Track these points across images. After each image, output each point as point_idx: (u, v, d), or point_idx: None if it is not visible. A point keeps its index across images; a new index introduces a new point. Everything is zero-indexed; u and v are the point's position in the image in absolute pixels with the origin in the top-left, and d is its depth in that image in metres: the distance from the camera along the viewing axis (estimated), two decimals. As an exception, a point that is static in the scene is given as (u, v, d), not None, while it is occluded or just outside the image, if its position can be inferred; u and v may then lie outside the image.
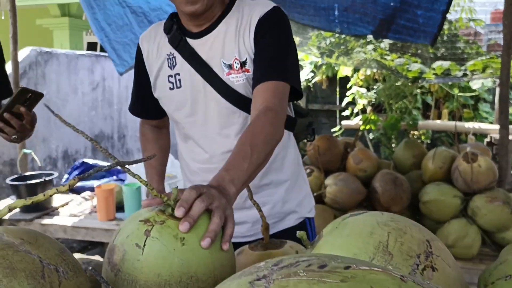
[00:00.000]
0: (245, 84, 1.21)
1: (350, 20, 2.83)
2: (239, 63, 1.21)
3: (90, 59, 4.72)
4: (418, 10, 2.42)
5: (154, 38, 1.33)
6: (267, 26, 1.19)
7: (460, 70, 3.30)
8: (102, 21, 2.79)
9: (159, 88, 1.31)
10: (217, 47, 1.23)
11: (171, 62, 1.28)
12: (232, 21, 1.23)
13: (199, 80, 1.24)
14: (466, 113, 5.06)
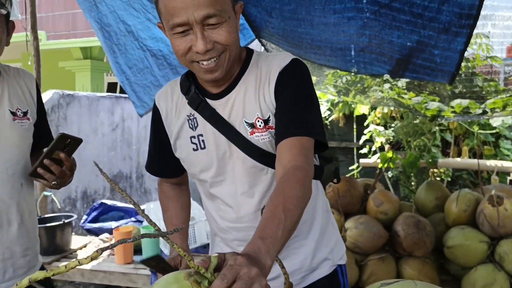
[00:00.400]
0: (270, 141, 1.20)
1: (366, 60, 2.84)
2: (262, 122, 1.19)
3: (110, 100, 4.82)
4: (435, 49, 2.42)
5: (171, 97, 1.32)
6: (287, 80, 1.18)
7: (480, 107, 3.27)
8: (123, 64, 2.86)
9: (181, 149, 1.30)
10: (238, 106, 1.22)
11: (192, 123, 1.27)
12: (251, 78, 1.22)
13: (223, 140, 1.23)
14: (487, 150, 4.97)
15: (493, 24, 2.45)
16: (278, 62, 1.21)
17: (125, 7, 2.63)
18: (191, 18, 1.07)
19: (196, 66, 1.16)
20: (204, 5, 1.07)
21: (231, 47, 1.14)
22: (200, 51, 1.10)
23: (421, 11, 2.16)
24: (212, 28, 1.10)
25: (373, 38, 2.49)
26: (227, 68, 1.17)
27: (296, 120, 1.14)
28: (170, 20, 1.10)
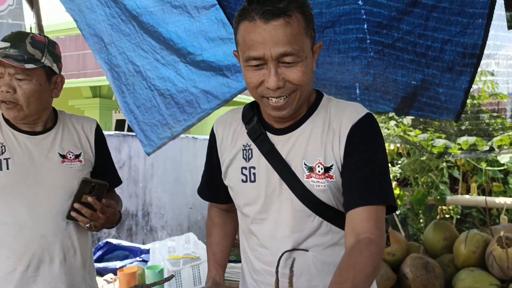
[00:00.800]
0: (325, 190, 1.15)
1: (371, 98, 2.86)
2: (322, 168, 1.15)
3: (118, 138, 4.86)
4: (440, 88, 2.43)
5: (230, 124, 1.31)
6: (361, 138, 1.14)
7: (487, 145, 3.26)
8: (132, 104, 2.89)
9: (230, 177, 1.28)
10: (300, 147, 1.18)
11: (246, 154, 1.24)
12: (318, 121, 1.19)
13: (276, 177, 1.19)
14: (496, 186, 4.92)
15: (497, 62, 2.47)
16: (350, 114, 1.16)
17: (134, 48, 2.69)
18: (267, 54, 1.07)
19: (265, 102, 1.14)
20: (283, 43, 1.06)
21: (303, 87, 1.12)
22: (271, 87, 1.09)
23: (424, 51, 2.19)
24: (287, 66, 1.09)
25: (377, 76, 2.51)
26: (296, 108, 1.15)
27: (371, 187, 1.10)
28: (246, 52, 1.10)
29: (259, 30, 1.07)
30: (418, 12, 2.00)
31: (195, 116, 2.90)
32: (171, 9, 2.49)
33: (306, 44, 1.11)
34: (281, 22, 1.06)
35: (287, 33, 1.07)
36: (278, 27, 1.06)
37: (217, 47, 2.68)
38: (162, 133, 2.96)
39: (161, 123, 2.96)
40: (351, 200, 1.11)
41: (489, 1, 1.88)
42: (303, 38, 1.10)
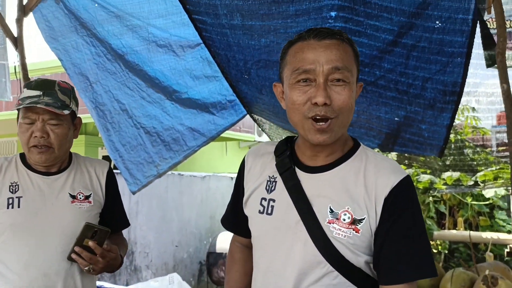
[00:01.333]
0: (346, 241, 1.09)
1: (356, 134, 2.88)
2: (350, 218, 1.10)
3: (102, 176, 4.79)
4: (422, 124, 2.47)
5: (261, 155, 1.29)
6: (401, 204, 1.10)
7: (471, 179, 3.29)
8: (117, 142, 2.87)
9: (249, 207, 1.26)
10: (328, 189, 1.13)
11: (270, 186, 1.21)
12: (351, 169, 1.15)
13: (294, 214, 1.14)
14: (482, 221, 4.94)
15: (477, 99, 2.53)
16: (389, 175, 1.12)
17: (120, 87, 2.70)
18: (319, 69, 1.08)
19: (309, 125, 1.11)
20: (335, 58, 1.09)
21: (346, 112, 1.11)
22: (319, 102, 1.07)
23: (406, 88, 2.23)
24: (335, 85, 1.09)
25: (361, 113, 2.54)
26: (337, 135, 1.12)
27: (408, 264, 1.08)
28: (296, 66, 1.11)
29: (312, 46, 1.11)
30: (399, 51, 2.05)
31: (181, 154, 2.88)
32: (157, 48, 2.51)
33: (354, 70, 1.13)
34: (334, 41, 1.11)
35: (340, 51, 1.10)
36: (331, 45, 1.10)
37: (202, 85, 2.71)
38: (148, 171, 2.94)
39: (147, 161, 2.95)
40: (387, 274, 1.09)
41: (467, 41, 1.94)
42: (352, 63, 1.13)
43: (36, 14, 2.45)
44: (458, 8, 1.85)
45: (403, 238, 1.08)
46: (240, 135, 8.62)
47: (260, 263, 1.22)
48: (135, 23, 2.39)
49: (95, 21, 2.41)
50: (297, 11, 1.92)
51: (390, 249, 1.08)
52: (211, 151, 9.46)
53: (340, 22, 1.96)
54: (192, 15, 2.06)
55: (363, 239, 1.09)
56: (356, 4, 1.88)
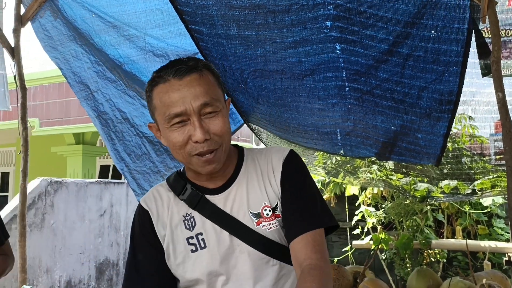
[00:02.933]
0: (278, 230, 1.18)
1: (353, 143, 2.89)
2: (270, 210, 1.19)
3: (99, 186, 4.79)
4: (419, 133, 2.47)
5: (161, 200, 1.26)
6: (291, 171, 1.21)
7: (468, 188, 3.28)
8: (122, 151, 2.85)
9: (176, 254, 1.21)
10: (241, 198, 1.21)
11: (189, 223, 1.21)
12: (250, 170, 1.24)
13: (225, 236, 1.18)
14: (481, 229, 4.92)
15: (473, 108, 2.53)
16: (277, 154, 1.24)
17: (121, 95, 2.70)
18: (189, 108, 1.11)
19: (195, 160, 1.15)
20: (201, 94, 1.12)
21: (226, 138, 1.17)
22: (199, 139, 1.11)
23: (402, 97, 2.23)
24: (209, 117, 1.13)
25: (357, 122, 2.55)
26: (224, 160, 1.19)
27: (306, 215, 1.16)
28: (167, 111, 1.13)
29: (175, 87, 1.12)
30: (394, 60, 2.05)
31: (184, 163, 2.86)
32: (154, 58, 2.52)
33: (220, 96, 1.19)
34: (194, 76, 1.14)
35: (203, 85, 1.14)
36: (193, 80, 1.13)
37: (198, 94, 2.71)
38: (154, 181, 2.91)
39: (153, 171, 2.92)
40: (290, 234, 1.15)
41: (463, 50, 1.95)
42: (217, 89, 1.18)
43: (34, 24, 2.46)
44: (454, 18, 1.87)
45: (296, 198, 1.19)
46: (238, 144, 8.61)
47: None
48: (132, 33, 2.39)
49: (92, 31, 2.41)
50: (293, 21, 1.93)
51: (288, 210, 1.18)
52: (209, 160, 9.42)
53: (336, 32, 1.97)
54: (188, 25, 2.07)
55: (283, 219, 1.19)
56: (351, 14, 1.89)
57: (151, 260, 1.23)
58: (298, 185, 1.21)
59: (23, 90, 2.53)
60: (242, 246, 1.18)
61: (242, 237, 1.18)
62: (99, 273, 4.66)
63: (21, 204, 2.61)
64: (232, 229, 1.18)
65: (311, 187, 1.24)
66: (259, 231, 1.17)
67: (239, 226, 1.18)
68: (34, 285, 3.93)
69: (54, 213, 4.26)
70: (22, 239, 2.59)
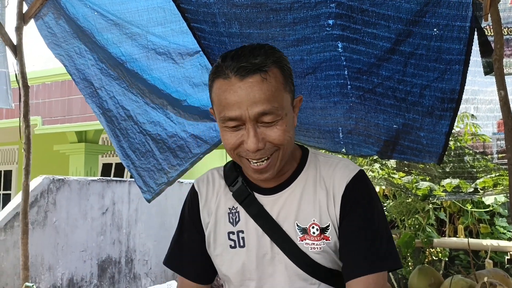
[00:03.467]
0: (322, 252, 1.08)
1: (355, 142, 2.89)
2: (318, 229, 1.08)
3: (101, 184, 4.80)
4: (421, 132, 2.46)
5: (212, 185, 1.21)
6: (356, 198, 1.09)
7: (470, 186, 3.28)
8: (127, 148, 2.84)
9: (216, 244, 1.17)
10: (291, 207, 1.11)
11: (233, 218, 1.15)
12: (309, 179, 1.13)
13: (266, 241, 1.11)
14: (483, 228, 4.92)
15: (476, 107, 2.52)
16: (343, 171, 1.11)
17: (124, 92, 2.69)
18: (245, 114, 1.00)
19: (245, 163, 1.08)
20: (261, 101, 1.00)
21: (285, 146, 1.06)
22: (251, 150, 1.02)
23: (404, 96, 2.23)
24: (266, 126, 1.03)
25: (359, 121, 2.54)
26: (279, 168, 1.08)
27: (369, 255, 1.05)
28: (222, 112, 1.04)
29: (234, 88, 1.01)
30: (397, 58, 2.05)
31: (187, 161, 2.86)
32: (156, 56, 2.52)
33: (285, 100, 1.06)
34: (257, 78, 1.01)
35: (264, 90, 1.01)
36: (254, 84, 1.01)
37: (201, 92, 2.71)
38: (159, 178, 2.89)
39: (157, 168, 2.91)
40: (350, 270, 1.06)
41: (465, 48, 1.94)
42: (282, 94, 1.04)
43: (38, 21, 2.46)
44: (456, 16, 1.86)
45: (360, 231, 1.07)
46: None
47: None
48: (134, 31, 2.39)
49: (94, 29, 2.42)
50: (295, 19, 1.93)
51: (349, 244, 1.07)
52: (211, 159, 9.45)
53: (338, 30, 1.97)
54: (190, 23, 2.07)
55: (334, 244, 1.09)
56: (353, 12, 1.89)
57: (195, 243, 1.21)
58: (363, 216, 1.07)
59: (26, 88, 2.53)
60: (280, 256, 1.09)
61: (282, 247, 1.09)
62: (101, 271, 4.67)
63: (23, 202, 2.61)
64: (274, 236, 1.10)
65: (379, 221, 1.09)
66: (301, 247, 1.08)
67: (282, 234, 1.09)
68: (37, 282, 3.94)
69: (56, 211, 4.27)
70: (24, 236, 2.60)
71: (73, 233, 4.40)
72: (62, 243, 4.26)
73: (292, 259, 1.08)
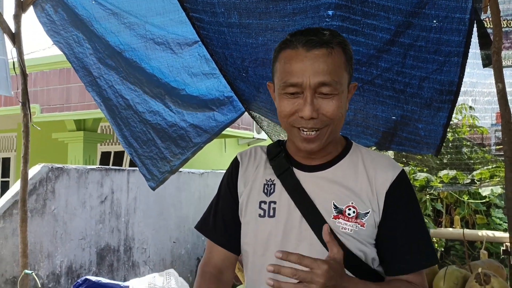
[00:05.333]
0: (351, 235, 1.10)
1: (353, 133, 2.89)
2: (355, 212, 1.11)
3: (100, 173, 4.80)
4: (419, 123, 2.47)
5: (254, 158, 1.26)
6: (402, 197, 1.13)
7: (467, 177, 3.30)
8: (129, 137, 2.84)
9: (246, 212, 1.21)
10: (330, 187, 1.14)
11: (268, 189, 1.19)
12: (349, 165, 1.16)
13: (297, 214, 1.13)
14: (479, 219, 4.96)
15: (474, 99, 2.53)
16: (386, 169, 1.14)
17: (122, 81, 2.69)
18: (306, 81, 1.06)
19: (295, 132, 1.12)
20: (323, 72, 1.06)
21: (335, 122, 1.10)
22: (305, 116, 1.07)
23: (403, 87, 2.23)
24: (323, 98, 1.08)
25: (358, 112, 2.55)
26: (326, 143, 1.12)
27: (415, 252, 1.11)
28: (284, 78, 1.10)
29: (300, 57, 1.08)
30: (396, 50, 2.05)
31: (189, 150, 2.86)
32: (154, 46, 2.51)
33: (344, 79, 1.11)
34: (323, 51, 1.08)
35: (328, 63, 1.07)
36: (320, 56, 1.07)
37: (200, 82, 2.71)
38: (162, 167, 2.90)
39: (160, 157, 2.91)
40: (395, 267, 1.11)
41: (464, 40, 1.94)
42: (342, 72, 1.10)
43: (36, 8, 2.45)
44: (455, 7, 1.86)
45: (407, 230, 1.11)
46: (239, 132, 8.62)
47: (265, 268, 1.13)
48: (132, 20, 2.39)
49: (92, 18, 2.41)
50: (295, 10, 1.92)
51: (396, 241, 1.11)
52: (210, 148, 9.46)
53: (337, 21, 1.96)
54: (189, 13, 2.06)
55: (367, 233, 1.11)
56: (353, 3, 1.88)
57: (229, 211, 1.25)
58: (410, 215, 1.12)
59: (24, 76, 2.53)
60: (308, 232, 1.12)
61: (311, 224, 1.11)
62: (100, 258, 4.70)
63: (22, 190, 2.63)
64: (305, 211, 1.12)
65: (422, 219, 1.16)
66: (332, 226, 1.09)
67: (313, 211, 1.11)
68: (36, 269, 3.97)
69: (55, 199, 4.28)
70: (23, 224, 2.61)
71: (72, 221, 4.42)
72: (61, 231, 4.28)
73: (319, 236, 1.10)
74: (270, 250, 1.14)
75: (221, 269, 1.27)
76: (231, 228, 1.25)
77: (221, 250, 1.27)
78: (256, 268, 1.19)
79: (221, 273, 1.27)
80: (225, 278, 1.27)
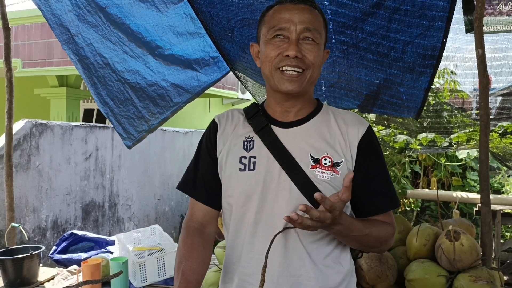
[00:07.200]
0: (327, 182, 1.20)
1: (336, 95, 2.94)
2: (330, 162, 1.21)
3: (84, 129, 4.80)
4: (401, 87, 2.52)
5: (231, 119, 1.34)
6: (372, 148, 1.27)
7: (445, 141, 3.39)
8: (105, 96, 2.84)
9: (227, 167, 1.28)
10: (306, 140, 1.23)
11: (247, 145, 1.27)
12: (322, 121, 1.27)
13: (276, 167, 1.22)
14: (455, 181, 5.12)
15: (455, 64, 2.58)
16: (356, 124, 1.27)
17: (102, 40, 2.66)
18: (293, 27, 1.21)
19: (278, 74, 1.22)
20: (308, 20, 1.22)
21: (314, 69, 1.23)
22: (291, 54, 1.18)
23: (387, 51, 2.27)
24: (306, 43, 1.21)
25: (342, 75, 2.58)
26: (305, 87, 1.23)
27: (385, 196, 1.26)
28: (272, 24, 1.23)
29: (288, 7, 1.23)
30: (381, 13, 2.07)
31: (168, 110, 2.87)
32: (139, 3, 2.47)
33: (322, 36, 1.26)
34: (307, 7, 1.24)
35: (312, 15, 1.24)
36: (305, 9, 1.23)
37: (185, 42, 2.69)
38: (139, 126, 2.91)
39: (137, 116, 2.92)
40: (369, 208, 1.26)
41: (449, 5, 1.97)
42: (322, 29, 1.25)
43: (15, -39, 2.38)
44: (441, -28, 1.87)
45: (377, 176, 1.26)
46: (224, 92, 8.60)
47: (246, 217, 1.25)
48: (117, -25, 2.34)
49: (76, -29, 2.35)
50: (282, -30, 1.91)
51: (368, 186, 1.25)
52: (194, 107, 9.44)
53: (325, -17, 1.96)
54: (176, -30, 2.04)
55: (342, 180, 1.20)
56: (340, -35, 1.88)
57: (208, 169, 1.33)
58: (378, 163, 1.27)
59: (7, 30, 2.48)
60: (287, 182, 1.20)
61: (290, 174, 1.20)
62: (85, 214, 4.76)
63: (7, 145, 2.64)
64: (283, 163, 1.21)
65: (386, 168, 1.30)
66: (310, 175, 1.19)
67: (291, 162, 1.21)
68: (22, 223, 4.02)
69: (39, 155, 4.28)
70: (9, 179, 2.64)
71: (57, 177, 4.44)
72: (46, 187, 4.31)
73: (297, 184, 1.20)
74: (252, 200, 1.24)
75: (203, 223, 1.35)
76: (210, 186, 1.33)
77: (202, 206, 1.35)
78: (239, 217, 1.27)
79: (203, 227, 1.35)
80: (207, 231, 1.36)
